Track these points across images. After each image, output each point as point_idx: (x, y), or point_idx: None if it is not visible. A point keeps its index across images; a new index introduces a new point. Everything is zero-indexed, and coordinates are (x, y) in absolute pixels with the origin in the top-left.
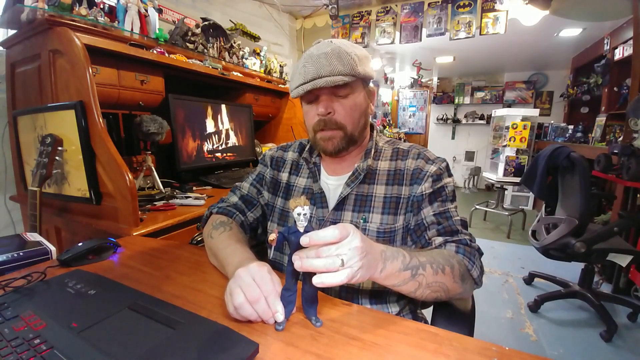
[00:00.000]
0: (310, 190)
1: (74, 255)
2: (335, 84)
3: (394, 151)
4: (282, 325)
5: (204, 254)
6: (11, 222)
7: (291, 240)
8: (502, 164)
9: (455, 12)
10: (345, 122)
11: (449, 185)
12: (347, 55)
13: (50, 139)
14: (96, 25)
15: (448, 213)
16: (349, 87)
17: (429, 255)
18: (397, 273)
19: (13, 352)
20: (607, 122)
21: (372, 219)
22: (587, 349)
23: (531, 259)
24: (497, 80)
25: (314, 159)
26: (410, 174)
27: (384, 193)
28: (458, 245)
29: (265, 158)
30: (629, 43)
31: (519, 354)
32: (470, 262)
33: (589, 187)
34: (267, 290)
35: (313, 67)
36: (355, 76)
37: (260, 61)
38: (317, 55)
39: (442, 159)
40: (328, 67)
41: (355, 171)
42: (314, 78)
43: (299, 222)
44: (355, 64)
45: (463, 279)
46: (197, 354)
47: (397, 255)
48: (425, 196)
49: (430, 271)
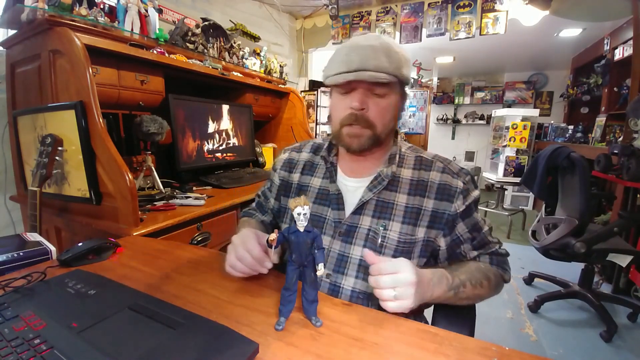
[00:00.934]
0: (325, 191)
1: (74, 255)
2: (378, 80)
3: (417, 159)
4: (281, 325)
5: (204, 254)
6: (11, 222)
7: (291, 240)
8: (502, 164)
9: (455, 12)
10: (376, 121)
11: (476, 198)
12: (395, 53)
13: (50, 139)
14: (96, 26)
15: (478, 226)
16: (388, 86)
17: (468, 271)
18: (443, 294)
19: (13, 352)
20: (607, 122)
21: (392, 227)
22: (587, 349)
23: (531, 259)
24: (497, 81)
25: (331, 158)
26: (436, 188)
27: (406, 202)
28: (491, 256)
29: (275, 164)
30: (629, 43)
31: (519, 354)
32: (502, 269)
33: (589, 187)
34: (250, 247)
35: (358, 57)
36: (398, 77)
37: (260, 61)
38: (364, 47)
39: (466, 171)
40: (374, 61)
41: (378, 176)
42: (358, 69)
43: (299, 222)
44: (402, 65)
45: (497, 286)
46: (197, 354)
47: (442, 279)
48: (459, 214)
49: (470, 287)
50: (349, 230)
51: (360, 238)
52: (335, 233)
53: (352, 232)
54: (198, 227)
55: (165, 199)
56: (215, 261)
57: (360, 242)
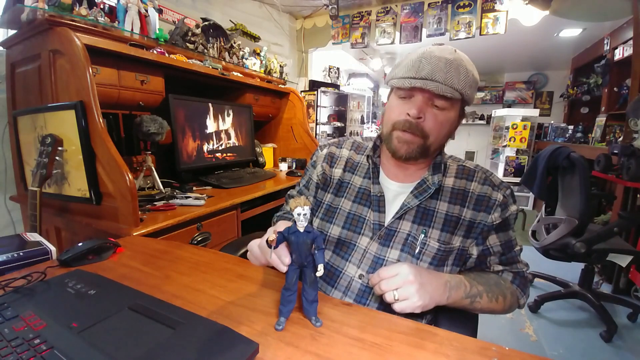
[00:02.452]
0: (367, 191)
1: (74, 255)
2: (443, 93)
3: (459, 169)
4: (281, 325)
5: (204, 254)
6: (11, 222)
7: (291, 241)
8: (502, 164)
9: (455, 13)
10: (431, 133)
11: (514, 214)
12: (466, 72)
13: (50, 139)
14: (96, 26)
15: (511, 243)
16: (449, 102)
17: (487, 283)
18: (459, 300)
19: (13, 352)
20: (607, 122)
21: (431, 235)
22: (587, 349)
23: (531, 259)
24: (497, 81)
25: (375, 159)
26: (475, 199)
27: (446, 210)
28: (515, 276)
29: (316, 160)
30: (629, 43)
31: (519, 354)
32: (521, 293)
33: (589, 187)
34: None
35: (429, 66)
36: (463, 96)
37: (260, 61)
38: (438, 57)
39: (506, 184)
40: (444, 75)
41: (424, 183)
42: (426, 78)
43: (299, 222)
44: (469, 85)
45: (511, 306)
46: (197, 354)
47: (460, 284)
48: (494, 227)
49: (486, 299)
50: (388, 234)
51: (399, 242)
52: (375, 235)
53: (391, 236)
54: (198, 227)
55: (165, 199)
56: (216, 261)
57: (398, 246)
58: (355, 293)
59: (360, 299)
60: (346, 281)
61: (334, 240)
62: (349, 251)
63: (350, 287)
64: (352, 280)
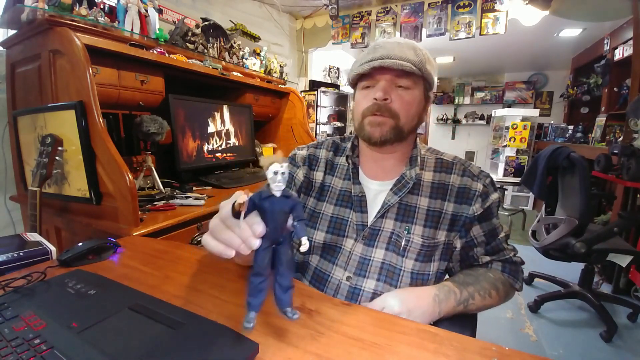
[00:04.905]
0: (347, 193)
1: (74, 255)
2: (403, 67)
3: (438, 162)
4: (251, 323)
5: (204, 254)
6: (11, 222)
7: (264, 208)
8: (502, 164)
9: (455, 13)
10: (400, 112)
11: (496, 202)
12: (419, 50)
13: (50, 139)
14: (96, 26)
15: (495, 231)
16: (412, 80)
17: (476, 282)
18: (452, 310)
19: (13, 352)
20: (607, 122)
21: (415, 231)
22: (587, 349)
23: (531, 259)
24: (497, 81)
25: (354, 158)
26: (456, 191)
27: (428, 205)
28: (504, 264)
29: (295, 158)
30: (629, 43)
31: (519, 354)
32: (514, 279)
33: (589, 188)
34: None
35: (383, 49)
36: (422, 72)
37: (260, 61)
38: (390, 42)
39: (486, 173)
40: (399, 53)
41: (402, 179)
42: (384, 57)
43: (275, 185)
44: (426, 62)
45: (507, 294)
46: (197, 354)
47: (449, 294)
48: (476, 217)
49: (479, 298)
50: (372, 234)
51: (383, 241)
52: (359, 236)
53: (375, 236)
54: (198, 227)
55: (165, 199)
56: (216, 261)
57: (382, 245)
58: (344, 296)
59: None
60: (335, 284)
61: (319, 246)
62: (335, 254)
63: (339, 290)
64: (340, 283)
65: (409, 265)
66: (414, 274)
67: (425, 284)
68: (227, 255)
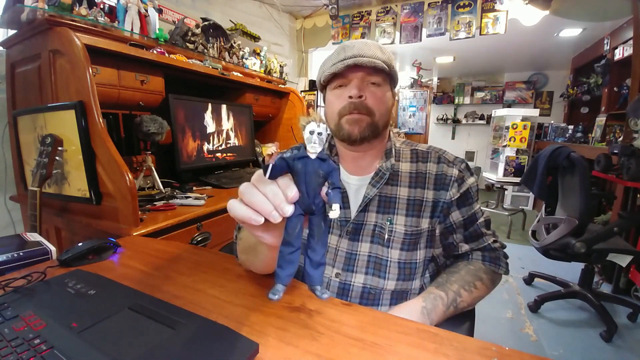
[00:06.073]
0: None
1: (74, 255)
2: (375, 65)
3: (413, 152)
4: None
5: (204, 254)
6: (11, 222)
7: (297, 170)
8: (502, 164)
9: (455, 12)
10: (375, 108)
11: (473, 186)
12: (385, 49)
13: (50, 139)
14: (96, 25)
15: (474, 216)
16: (382, 77)
17: (460, 278)
18: (442, 315)
19: (13, 352)
20: (607, 122)
21: (397, 221)
22: (587, 349)
23: (531, 259)
24: (497, 81)
25: (333, 157)
26: (434, 179)
27: (407, 195)
28: (483, 253)
29: None
30: (629, 43)
31: (519, 354)
32: (496, 265)
33: (589, 187)
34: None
35: (353, 49)
36: (390, 69)
37: (260, 61)
38: (359, 42)
39: (460, 159)
40: (369, 51)
41: (379, 171)
42: (356, 55)
43: (311, 145)
44: (392, 60)
45: (493, 282)
46: (197, 354)
47: (436, 301)
48: (454, 202)
49: (466, 294)
50: (356, 228)
51: (367, 234)
52: (343, 232)
53: (358, 230)
54: (198, 227)
55: (165, 199)
56: (216, 261)
57: (367, 239)
58: (335, 292)
59: (340, 298)
60: (324, 282)
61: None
62: None
63: (330, 287)
64: (330, 280)
65: (395, 255)
66: (401, 264)
67: (413, 273)
68: (255, 221)
